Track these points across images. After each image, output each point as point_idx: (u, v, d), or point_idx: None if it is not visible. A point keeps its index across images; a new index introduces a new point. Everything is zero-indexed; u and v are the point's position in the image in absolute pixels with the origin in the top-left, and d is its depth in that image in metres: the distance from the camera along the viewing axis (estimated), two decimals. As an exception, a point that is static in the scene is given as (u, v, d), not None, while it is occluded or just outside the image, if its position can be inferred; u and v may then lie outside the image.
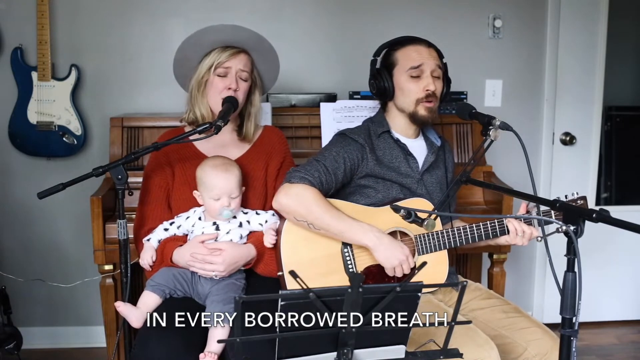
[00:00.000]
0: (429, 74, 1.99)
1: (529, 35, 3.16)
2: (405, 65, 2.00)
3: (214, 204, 1.88)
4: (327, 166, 1.91)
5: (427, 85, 1.98)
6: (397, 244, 1.82)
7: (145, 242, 1.94)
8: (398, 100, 2.05)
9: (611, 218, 1.33)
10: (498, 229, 1.92)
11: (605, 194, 3.65)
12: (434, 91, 1.99)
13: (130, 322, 1.82)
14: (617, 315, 3.43)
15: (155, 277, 1.89)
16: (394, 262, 1.81)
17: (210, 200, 1.88)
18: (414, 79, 1.99)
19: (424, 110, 2.00)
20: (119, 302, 1.83)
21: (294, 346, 1.26)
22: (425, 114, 2.01)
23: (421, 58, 1.99)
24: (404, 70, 2.00)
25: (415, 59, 1.99)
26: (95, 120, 2.94)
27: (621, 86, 3.82)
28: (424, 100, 1.99)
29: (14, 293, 2.80)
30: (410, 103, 2.01)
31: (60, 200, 2.62)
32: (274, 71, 2.18)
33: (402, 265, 1.82)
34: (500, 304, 2.01)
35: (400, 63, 2.02)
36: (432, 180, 2.08)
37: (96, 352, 2.99)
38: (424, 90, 1.98)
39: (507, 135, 1.80)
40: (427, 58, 1.99)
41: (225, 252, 1.86)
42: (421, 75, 1.99)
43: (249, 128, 2.10)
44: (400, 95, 2.03)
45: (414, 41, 2.04)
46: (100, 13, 2.91)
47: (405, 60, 2.01)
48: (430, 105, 2.00)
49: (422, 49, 2.01)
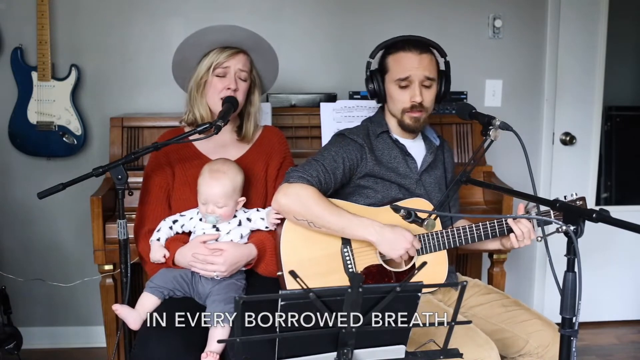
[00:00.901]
0: (417, 85, 1.96)
1: (529, 35, 3.16)
2: (394, 75, 1.98)
3: (202, 207, 1.90)
4: (326, 166, 1.92)
5: (413, 97, 1.96)
6: (398, 233, 1.83)
7: (154, 242, 1.92)
8: (389, 105, 2.05)
9: (611, 218, 1.33)
10: (497, 230, 1.92)
11: (605, 194, 3.65)
12: (420, 102, 1.97)
13: (128, 324, 1.82)
14: (617, 315, 3.43)
15: (155, 278, 1.89)
16: (400, 251, 1.83)
17: (200, 203, 1.90)
18: (402, 89, 1.98)
19: (409, 119, 2.00)
20: (116, 305, 1.83)
21: (294, 346, 1.26)
22: (410, 124, 2.00)
23: (409, 69, 1.95)
24: (393, 79, 1.99)
25: (404, 70, 1.96)
26: (95, 120, 2.94)
27: (621, 86, 3.82)
28: (409, 110, 1.99)
29: (14, 293, 2.80)
30: (398, 112, 2.01)
31: (60, 200, 2.61)
32: (274, 71, 2.17)
33: (408, 251, 1.84)
34: (499, 298, 2.02)
35: (391, 70, 2.00)
36: (430, 180, 2.08)
37: (96, 352, 2.99)
38: (410, 101, 1.97)
39: (507, 135, 1.80)
40: (416, 69, 1.95)
41: (226, 252, 1.86)
42: (409, 85, 1.97)
43: (249, 128, 2.10)
44: (390, 102, 2.04)
45: (407, 47, 1.98)
46: (100, 13, 2.91)
47: (395, 69, 1.98)
48: (416, 116, 1.99)
49: (413, 58, 1.96)
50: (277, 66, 2.16)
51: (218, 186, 1.86)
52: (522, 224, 1.87)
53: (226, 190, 1.87)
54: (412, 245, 1.83)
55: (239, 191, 1.92)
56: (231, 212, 1.91)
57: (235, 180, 1.90)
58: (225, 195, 1.87)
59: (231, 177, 1.89)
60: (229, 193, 1.88)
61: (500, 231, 1.92)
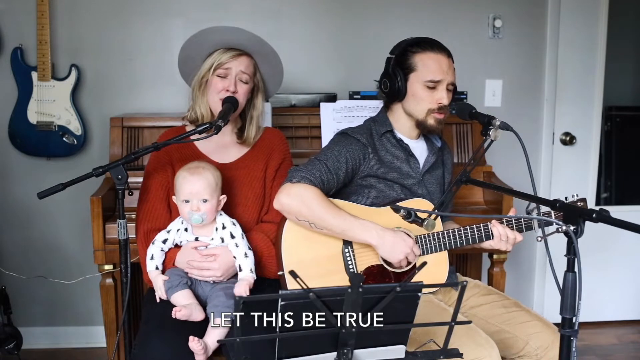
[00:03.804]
0: (445, 87, 1.96)
1: (529, 35, 3.16)
2: (424, 75, 1.95)
3: (184, 208, 1.85)
4: (329, 165, 1.91)
5: (440, 99, 1.96)
6: (399, 237, 1.83)
7: (152, 272, 1.89)
8: (408, 104, 2.01)
9: (611, 218, 1.33)
10: (491, 231, 1.92)
11: (605, 194, 3.65)
12: (446, 104, 1.97)
13: (195, 319, 1.77)
14: (617, 315, 3.44)
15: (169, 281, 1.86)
16: (399, 256, 1.82)
17: (182, 204, 1.85)
18: (430, 90, 1.96)
19: (433, 120, 1.99)
20: (177, 307, 1.76)
21: (294, 346, 1.26)
22: (434, 125, 1.99)
23: (442, 73, 1.94)
24: (422, 79, 1.95)
25: (437, 73, 1.94)
26: (95, 120, 2.94)
27: (621, 86, 3.81)
28: (435, 111, 1.97)
29: (14, 293, 2.80)
30: (421, 111, 1.99)
31: (60, 200, 2.61)
32: (278, 75, 2.16)
33: (407, 257, 1.84)
34: (499, 299, 2.02)
35: (419, 70, 1.96)
36: (432, 181, 2.08)
37: (96, 352, 2.99)
38: (437, 102, 1.96)
39: (507, 135, 1.80)
40: (446, 73, 1.95)
41: (220, 257, 1.86)
42: (437, 87, 1.96)
43: (250, 131, 2.10)
44: (412, 101, 1.99)
45: (435, 48, 1.96)
46: (100, 13, 2.91)
47: (425, 70, 1.95)
48: (441, 117, 1.98)
49: (443, 61, 1.95)
50: (282, 71, 2.15)
51: (200, 179, 1.83)
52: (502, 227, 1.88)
53: (209, 182, 1.84)
54: (411, 251, 1.83)
55: (220, 189, 1.89)
56: (214, 210, 1.87)
57: (215, 174, 1.88)
58: (210, 187, 1.84)
59: (211, 171, 1.88)
60: (212, 185, 1.85)
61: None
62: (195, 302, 1.82)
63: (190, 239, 1.89)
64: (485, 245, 1.94)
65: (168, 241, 1.91)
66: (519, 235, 1.90)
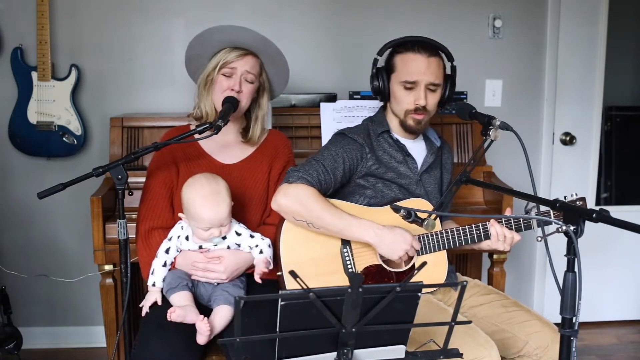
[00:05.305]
0: (423, 88, 1.95)
1: (529, 35, 3.16)
2: (401, 76, 1.97)
3: (203, 233, 1.82)
4: (326, 166, 1.91)
5: (417, 100, 1.96)
6: (397, 234, 1.83)
7: (151, 286, 1.88)
8: (392, 104, 2.04)
9: (611, 218, 1.33)
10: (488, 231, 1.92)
11: (605, 194, 3.65)
12: (424, 106, 1.96)
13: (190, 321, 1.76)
14: (617, 315, 3.43)
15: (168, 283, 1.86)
16: (399, 253, 1.83)
17: (199, 230, 1.82)
18: (407, 90, 1.97)
19: (412, 121, 2.00)
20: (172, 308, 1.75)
21: (294, 346, 1.26)
22: (412, 125, 2.00)
23: (417, 73, 1.94)
24: (399, 79, 1.97)
25: (413, 74, 1.95)
26: (95, 120, 2.94)
27: (621, 86, 3.81)
28: (412, 112, 1.98)
29: (15, 293, 2.80)
30: (401, 112, 2.00)
31: (60, 200, 2.61)
32: (284, 75, 2.16)
33: (407, 253, 1.84)
34: (499, 299, 2.02)
35: (397, 70, 1.99)
36: (430, 181, 2.08)
37: (96, 352, 2.99)
38: (414, 103, 1.97)
39: (507, 135, 1.80)
40: (422, 73, 1.94)
41: (225, 259, 1.86)
42: (415, 87, 1.96)
43: (255, 131, 2.10)
44: (394, 102, 2.02)
45: (416, 49, 1.96)
46: (100, 13, 2.91)
47: (403, 70, 1.97)
48: (420, 118, 1.99)
49: (421, 61, 1.94)
50: (288, 70, 2.15)
51: (220, 209, 1.79)
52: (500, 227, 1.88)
53: (229, 209, 1.81)
54: (411, 247, 1.83)
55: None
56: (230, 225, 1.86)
57: (228, 191, 1.84)
58: (228, 209, 1.82)
59: (226, 191, 1.83)
60: (230, 206, 1.82)
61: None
62: (191, 304, 1.80)
63: (193, 248, 1.87)
64: (483, 245, 1.94)
65: (171, 249, 1.88)
66: (517, 235, 1.90)
